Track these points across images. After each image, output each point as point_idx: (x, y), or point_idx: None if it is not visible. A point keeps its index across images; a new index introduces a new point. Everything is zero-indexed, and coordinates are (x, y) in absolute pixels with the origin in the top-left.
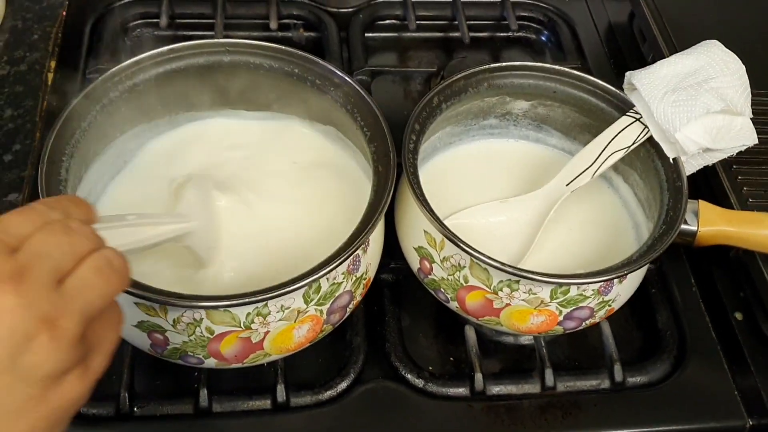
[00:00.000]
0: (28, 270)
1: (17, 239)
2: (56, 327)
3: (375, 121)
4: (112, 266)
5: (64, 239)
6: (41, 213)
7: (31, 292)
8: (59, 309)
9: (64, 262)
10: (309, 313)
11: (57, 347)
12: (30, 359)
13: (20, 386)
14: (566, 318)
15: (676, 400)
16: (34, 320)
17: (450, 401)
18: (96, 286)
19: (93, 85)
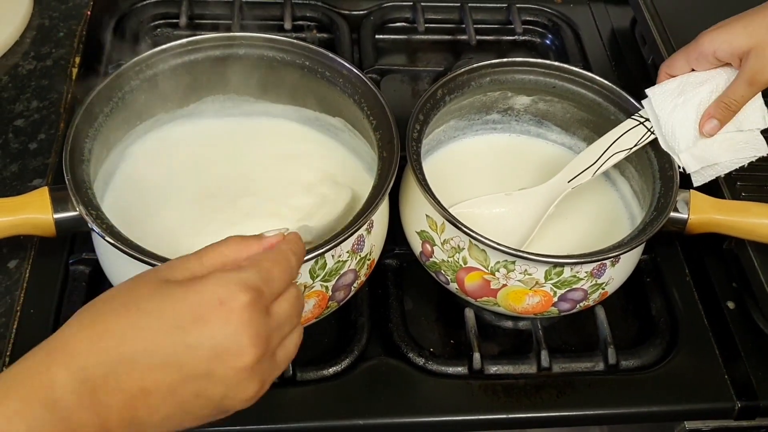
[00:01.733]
0: (270, 338)
1: (274, 297)
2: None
3: (381, 110)
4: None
5: (295, 320)
6: (291, 271)
7: (265, 359)
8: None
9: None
10: (315, 288)
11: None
12: (232, 404)
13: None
14: (560, 299)
15: (668, 383)
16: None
17: (449, 379)
18: (291, 359)
19: (116, 73)
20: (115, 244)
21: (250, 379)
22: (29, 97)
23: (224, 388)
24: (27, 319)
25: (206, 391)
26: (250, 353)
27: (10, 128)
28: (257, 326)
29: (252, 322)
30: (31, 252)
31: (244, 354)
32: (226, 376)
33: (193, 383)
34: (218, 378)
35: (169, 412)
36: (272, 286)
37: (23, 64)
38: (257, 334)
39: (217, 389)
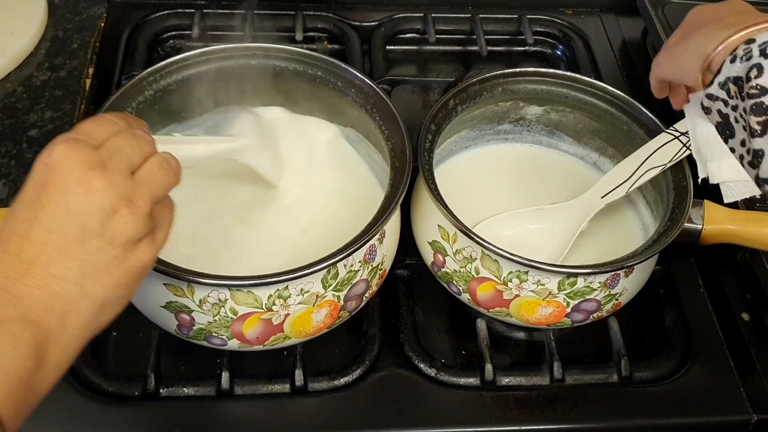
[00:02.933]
0: (109, 161)
1: (96, 140)
2: (133, 204)
3: (393, 120)
4: (170, 164)
5: (134, 142)
6: (111, 121)
7: (114, 177)
8: (134, 191)
9: (134, 158)
10: (327, 298)
11: (134, 219)
12: (115, 227)
13: (108, 248)
14: (574, 310)
15: (683, 395)
16: (117, 198)
17: (461, 390)
18: (159, 176)
19: (130, 83)
20: None
21: (108, 196)
22: (43, 107)
23: (92, 216)
24: None
25: (83, 230)
26: (87, 174)
27: (24, 138)
28: (82, 155)
29: (75, 155)
30: None
31: (83, 177)
32: (83, 205)
33: (69, 231)
34: (79, 210)
35: (76, 272)
36: (87, 133)
37: (37, 75)
38: (87, 160)
39: (87, 221)
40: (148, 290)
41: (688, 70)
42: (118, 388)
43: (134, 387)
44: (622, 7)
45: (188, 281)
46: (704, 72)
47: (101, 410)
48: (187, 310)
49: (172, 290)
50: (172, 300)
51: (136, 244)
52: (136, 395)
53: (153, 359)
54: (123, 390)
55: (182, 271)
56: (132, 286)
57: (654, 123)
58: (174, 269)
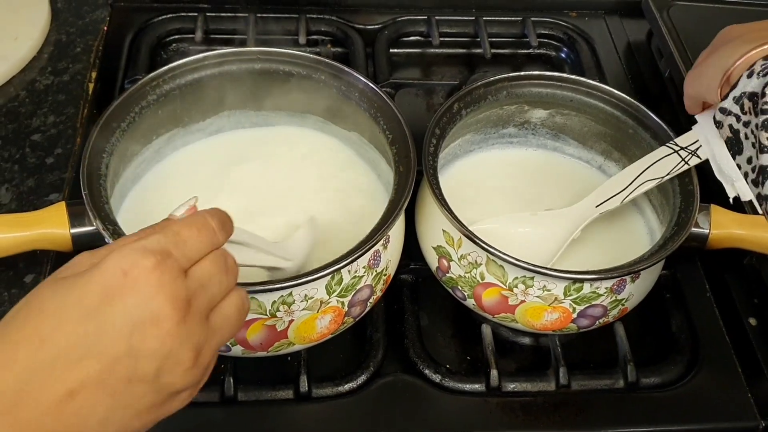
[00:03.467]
0: (193, 300)
1: (190, 261)
2: (200, 356)
3: (397, 124)
4: (245, 308)
5: (224, 278)
6: (212, 234)
7: (191, 323)
8: (206, 342)
9: (218, 297)
10: (331, 304)
11: (194, 373)
12: (171, 379)
13: (151, 395)
14: (580, 315)
15: (690, 401)
16: (187, 349)
17: (466, 396)
18: (233, 324)
19: (133, 88)
20: None
21: (180, 345)
22: (46, 112)
23: (153, 361)
24: None
25: (136, 371)
26: (168, 316)
27: (27, 143)
28: (171, 287)
29: (163, 284)
30: (47, 267)
31: (162, 318)
32: (150, 348)
33: (119, 367)
34: (142, 352)
35: (106, 411)
36: (184, 248)
37: (40, 79)
38: (173, 296)
39: (146, 365)
40: None
41: (708, 85)
42: None
43: None
44: (626, 10)
45: None
46: (723, 86)
47: None
48: None
49: None
50: None
51: (180, 393)
52: None
53: None
54: None
55: None
56: (149, 426)
57: (660, 127)
58: None
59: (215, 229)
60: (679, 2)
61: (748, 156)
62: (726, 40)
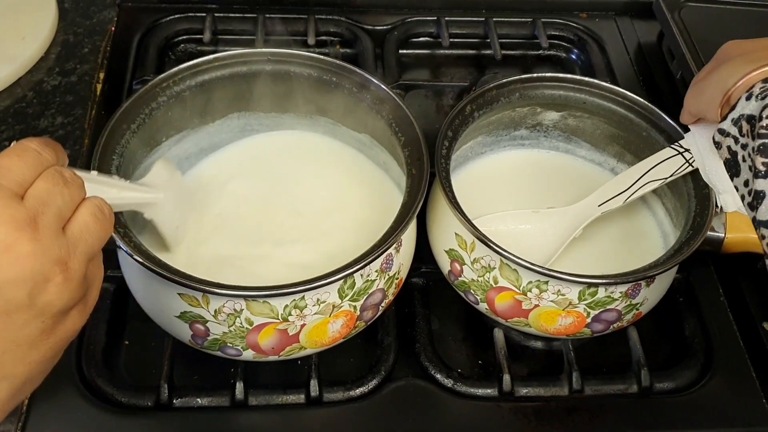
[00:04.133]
0: (38, 217)
1: (21, 186)
2: (67, 269)
3: (409, 126)
4: (104, 213)
5: (65, 189)
6: (36, 155)
7: (45, 238)
8: (68, 252)
9: (65, 209)
10: (343, 308)
11: (68, 287)
12: (46, 298)
13: (35, 321)
14: (594, 320)
15: (704, 406)
16: (49, 263)
17: (478, 401)
18: (94, 230)
19: (144, 89)
20: (142, 263)
21: (39, 263)
22: (54, 112)
23: (20, 287)
24: None
25: (8, 301)
26: (15, 239)
27: None
28: (7, 212)
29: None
30: None
31: (10, 243)
32: (11, 275)
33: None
34: (5, 280)
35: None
36: (9, 174)
37: (48, 80)
38: (13, 219)
39: (15, 292)
40: (162, 300)
41: (708, 104)
42: (130, 399)
43: (147, 397)
44: (637, 11)
45: (203, 291)
46: (723, 106)
47: (114, 421)
48: (202, 320)
49: (186, 300)
50: (186, 310)
51: (67, 312)
52: (149, 406)
53: (166, 369)
54: (136, 401)
55: (197, 281)
56: (56, 358)
57: (674, 129)
58: (189, 279)
59: (36, 149)
60: (691, 3)
61: (744, 179)
62: (727, 58)
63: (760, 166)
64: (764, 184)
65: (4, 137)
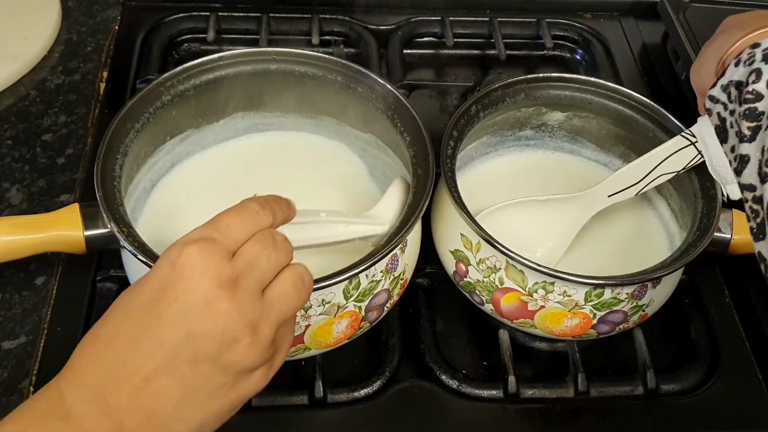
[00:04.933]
0: (242, 278)
1: (235, 243)
2: (257, 333)
3: (415, 126)
4: (304, 282)
5: (272, 253)
6: (254, 215)
7: (243, 299)
8: (261, 317)
9: (269, 273)
10: (348, 308)
11: (255, 350)
12: (232, 357)
13: (218, 376)
14: (600, 321)
15: (710, 408)
16: (242, 325)
17: (483, 402)
18: (291, 299)
19: (148, 88)
20: (147, 263)
21: (233, 322)
22: (57, 111)
23: (211, 341)
24: (54, 336)
25: (197, 352)
26: (217, 295)
27: (38, 143)
28: (216, 268)
29: (208, 267)
30: (59, 269)
31: (211, 299)
32: (205, 328)
33: (182, 350)
34: (198, 333)
35: (179, 394)
36: (227, 231)
37: (51, 79)
38: (219, 276)
39: (205, 345)
40: None
41: (707, 76)
42: None
43: None
44: (642, 11)
45: None
46: (717, 74)
47: None
48: None
49: None
50: None
51: (250, 373)
52: None
53: None
54: None
55: None
56: (232, 412)
57: (679, 129)
58: None
59: (256, 210)
60: (696, 4)
61: (732, 145)
62: (725, 29)
63: (745, 130)
64: (748, 148)
65: (6, 136)
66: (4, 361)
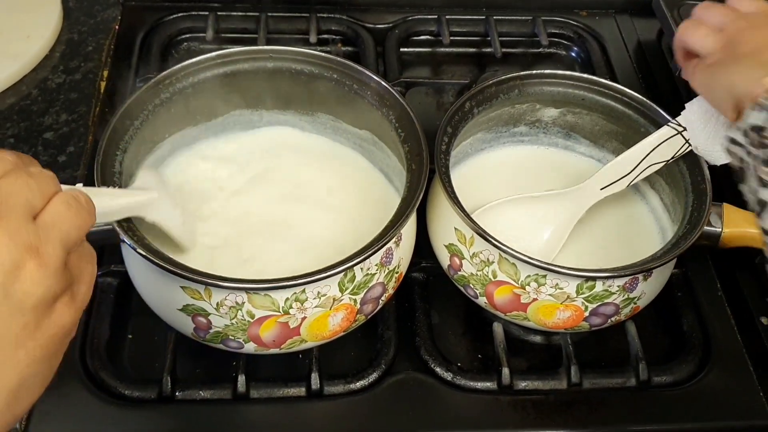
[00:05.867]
0: (2, 206)
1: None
2: (40, 254)
3: (409, 123)
4: (80, 202)
5: (31, 181)
6: (6, 160)
7: (11, 225)
8: (40, 238)
9: (34, 199)
10: (344, 301)
11: (44, 273)
12: (21, 287)
13: (15, 315)
14: (592, 314)
15: (702, 399)
16: (19, 250)
17: (478, 394)
18: (68, 218)
19: (147, 86)
20: (147, 257)
21: (7, 250)
22: (58, 110)
23: None
24: None
25: None
26: None
27: (40, 141)
28: None
29: None
30: None
31: None
32: None
33: None
34: None
35: None
36: None
37: (52, 78)
38: None
39: None
40: (164, 293)
41: (720, 105)
42: (134, 392)
43: (150, 390)
44: (637, 8)
45: (206, 284)
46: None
47: (117, 414)
48: (204, 313)
49: (189, 293)
50: (189, 303)
51: (51, 305)
52: (152, 398)
53: (169, 362)
54: (139, 393)
55: (200, 275)
56: (52, 359)
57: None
58: (191, 272)
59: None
60: (690, 1)
61: (751, 186)
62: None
63: (764, 176)
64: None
65: (9, 134)
66: None
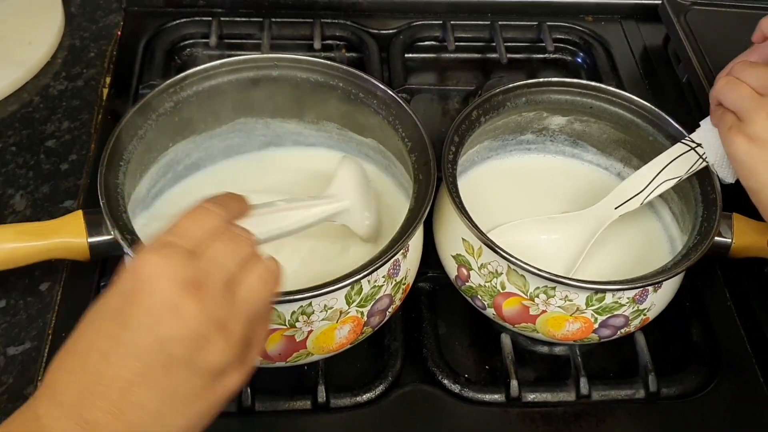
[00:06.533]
0: (205, 277)
1: (193, 243)
2: (227, 330)
3: (416, 132)
4: (272, 275)
5: (234, 247)
6: (208, 213)
7: (208, 298)
8: (230, 315)
9: (232, 267)
10: (350, 314)
11: (227, 348)
12: (205, 357)
13: (194, 379)
14: (601, 326)
15: (711, 411)
16: (209, 324)
17: (486, 406)
18: (260, 293)
19: (150, 95)
20: None
21: (201, 323)
22: (60, 117)
23: (181, 345)
24: (59, 342)
25: (169, 359)
26: (179, 295)
27: (42, 149)
28: (176, 271)
29: (167, 269)
30: (63, 275)
31: (175, 300)
32: (174, 333)
33: (154, 358)
34: (168, 338)
35: (157, 402)
36: (183, 234)
37: (54, 85)
38: (181, 279)
39: (176, 350)
40: None
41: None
42: None
43: None
44: (643, 14)
45: None
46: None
47: None
48: None
49: None
50: None
51: (225, 372)
52: None
53: None
54: None
55: None
56: (213, 415)
57: (681, 133)
58: None
59: (209, 207)
60: (697, 7)
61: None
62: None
63: None
64: None
65: (10, 142)
66: (9, 366)
